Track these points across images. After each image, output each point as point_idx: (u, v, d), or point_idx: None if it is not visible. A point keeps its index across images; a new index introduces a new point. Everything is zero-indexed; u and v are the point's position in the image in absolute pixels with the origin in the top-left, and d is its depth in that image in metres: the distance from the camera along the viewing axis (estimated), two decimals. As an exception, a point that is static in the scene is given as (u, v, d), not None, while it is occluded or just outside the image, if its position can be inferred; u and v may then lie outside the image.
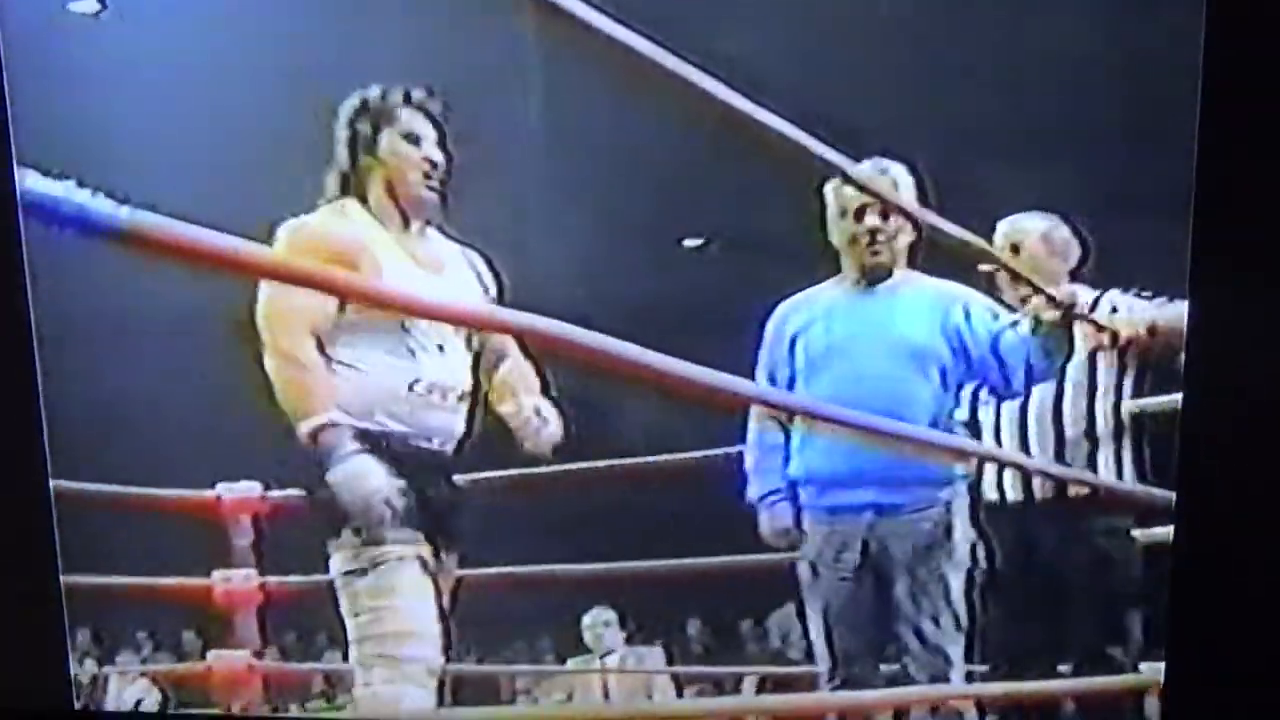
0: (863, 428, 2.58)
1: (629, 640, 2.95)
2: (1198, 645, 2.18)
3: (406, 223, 2.49)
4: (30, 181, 1.97)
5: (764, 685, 2.91)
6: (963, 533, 2.63)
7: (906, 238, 2.63)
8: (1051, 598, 2.68)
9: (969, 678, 2.64)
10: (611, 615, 2.93)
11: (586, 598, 2.92)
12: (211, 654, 2.87)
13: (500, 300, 2.57)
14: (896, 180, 2.59)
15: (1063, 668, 2.69)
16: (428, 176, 2.48)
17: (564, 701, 3.01)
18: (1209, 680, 2.18)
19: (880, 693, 2.64)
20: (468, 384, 2.52)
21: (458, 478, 2.53)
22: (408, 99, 2.47)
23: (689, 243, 3.02)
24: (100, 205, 2.09)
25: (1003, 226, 2.66)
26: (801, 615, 2.70)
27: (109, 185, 1.98)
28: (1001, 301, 2.66)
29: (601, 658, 2.96)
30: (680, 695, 2.87)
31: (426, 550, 2.45)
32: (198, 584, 2.83)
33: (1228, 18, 1.91)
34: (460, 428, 2.53)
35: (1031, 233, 2.66)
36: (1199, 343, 2.10)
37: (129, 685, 2.94)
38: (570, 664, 2.99)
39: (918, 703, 2.65)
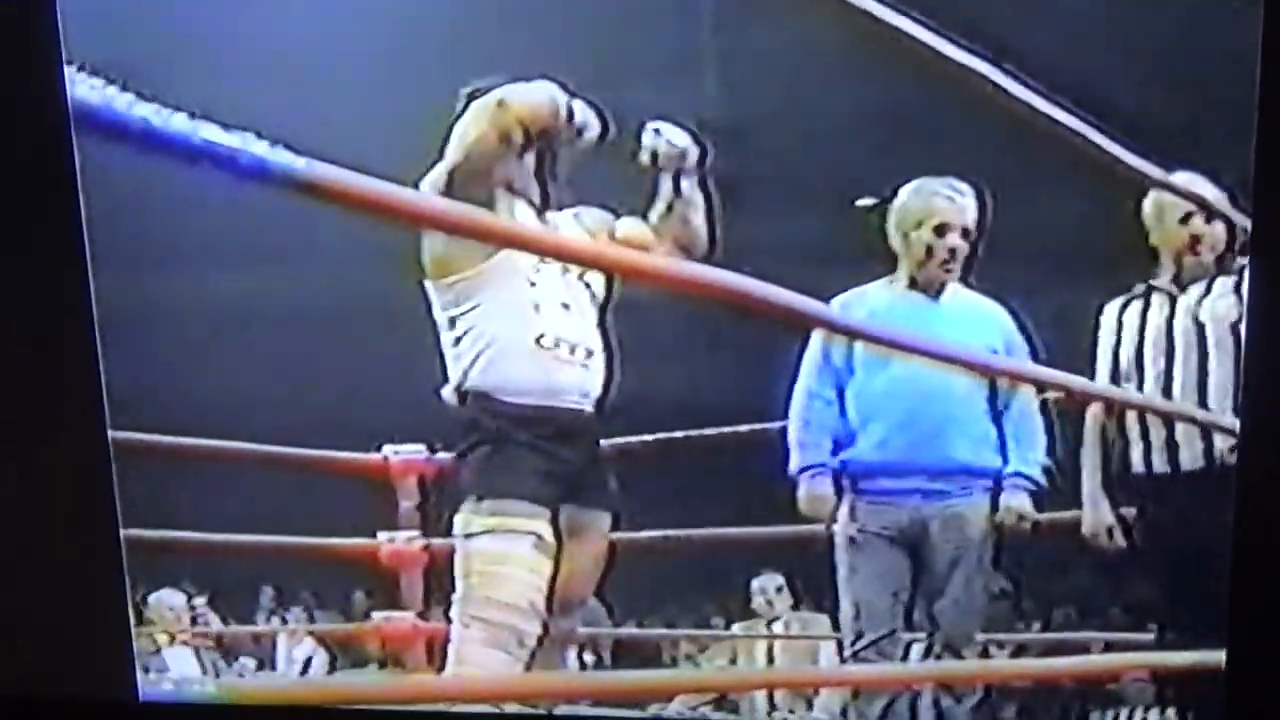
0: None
1: (795, 606, 2.89)
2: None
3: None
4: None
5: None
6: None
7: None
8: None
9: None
10: (781, 580, 2.88)
11: (752, 562, 2.86)
12: (377, 614, 2.92)
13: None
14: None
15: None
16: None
17: (728, 666, 2.97)
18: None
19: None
20: (597, 342, 2.59)
21: (603, 442, 2.59)
22: None
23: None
24: (279, 157, 2.15)
25: (1149, 198, 2.55)
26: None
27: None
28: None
29: (769, 624, 2.92)
30: (844, 661, 2.79)
31: (546, 529, 2.55)
32: (364, 545, 2.87)
33: None
34: (596, 386, 2.59)
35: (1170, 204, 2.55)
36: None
37: (297, 644, 3.01)
38: (736, 628, 2.94)
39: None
